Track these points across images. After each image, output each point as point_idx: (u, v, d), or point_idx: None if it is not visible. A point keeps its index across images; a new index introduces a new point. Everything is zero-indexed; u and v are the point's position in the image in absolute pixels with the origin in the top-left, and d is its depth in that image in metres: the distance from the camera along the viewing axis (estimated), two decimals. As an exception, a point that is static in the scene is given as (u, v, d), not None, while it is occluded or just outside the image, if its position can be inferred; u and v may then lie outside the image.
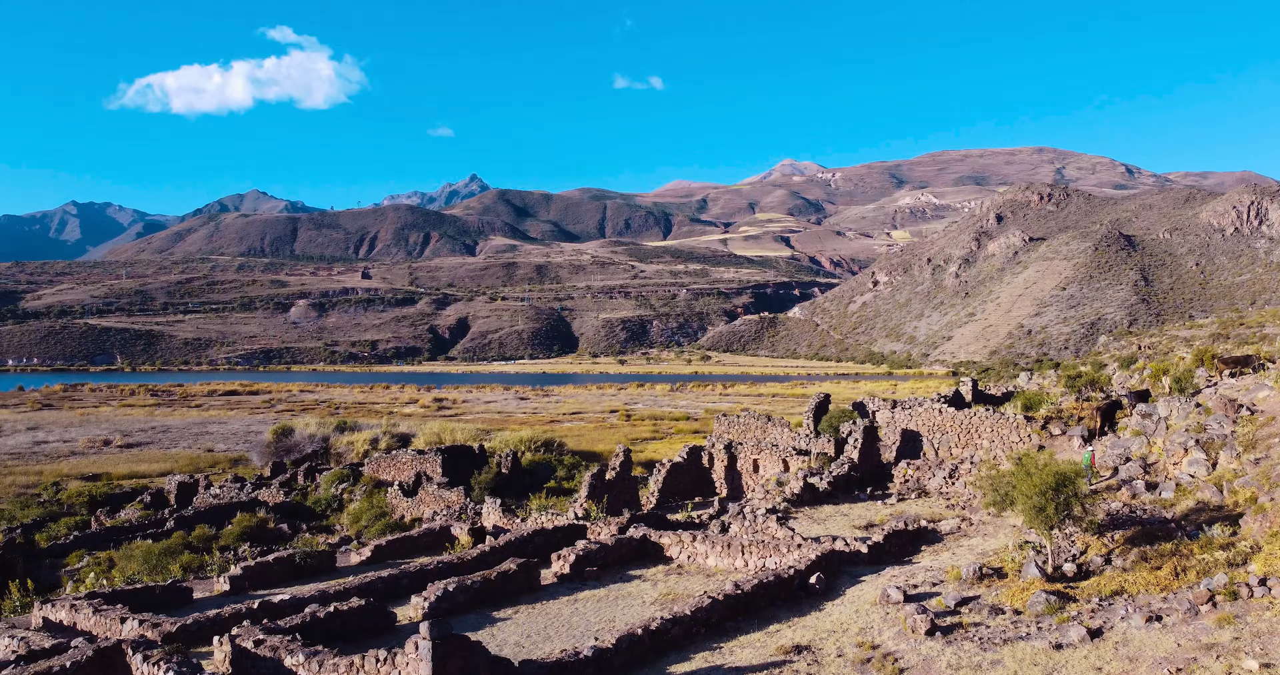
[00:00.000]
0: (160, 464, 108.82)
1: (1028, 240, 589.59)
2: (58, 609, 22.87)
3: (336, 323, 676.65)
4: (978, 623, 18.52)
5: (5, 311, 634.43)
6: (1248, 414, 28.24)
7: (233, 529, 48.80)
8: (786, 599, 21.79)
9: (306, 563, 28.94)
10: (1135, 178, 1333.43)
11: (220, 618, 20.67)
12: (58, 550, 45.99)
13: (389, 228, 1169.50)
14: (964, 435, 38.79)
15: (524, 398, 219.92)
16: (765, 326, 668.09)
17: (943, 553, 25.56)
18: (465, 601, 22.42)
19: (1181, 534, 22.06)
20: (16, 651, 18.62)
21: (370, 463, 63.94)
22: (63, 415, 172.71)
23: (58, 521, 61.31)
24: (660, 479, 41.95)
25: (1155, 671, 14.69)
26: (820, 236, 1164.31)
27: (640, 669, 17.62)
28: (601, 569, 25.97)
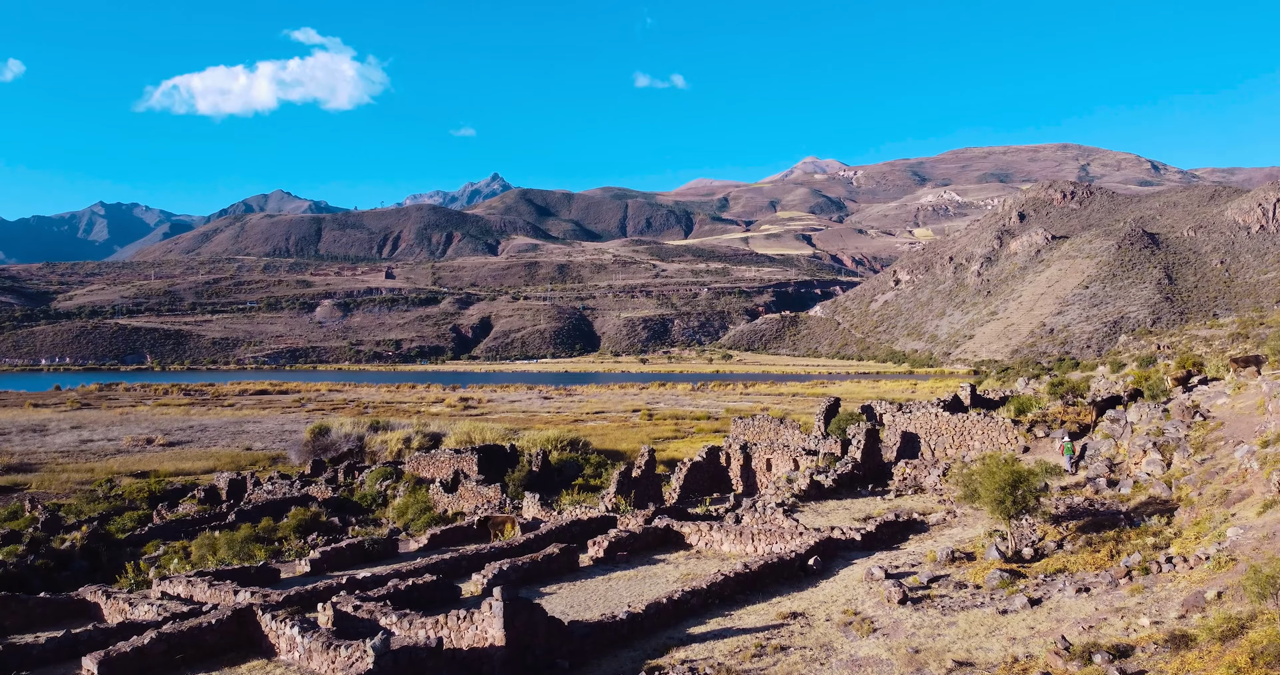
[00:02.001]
0: (204, 462, 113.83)
1: (1050, 238, 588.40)
2: (175, 584, 27.15)
3: (361, 322, 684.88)
4: (943, 595, 22.44)
5: (38, 312, 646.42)
6: (1200, 420, 31.91)
7: (289, 522, 53.21)
8: (788, 578, 25.79)
9: (374, 548, 33.21)
10: (1161, 174, 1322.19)
11: (316, 590, 24.87)
12: (135, 540, 50.55)
13: (412, 227, 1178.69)
14: (958, 437, 42.56)
15: (547, 397, 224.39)
16: (786, 325, 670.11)
17: (926, 540, 29.47)
18: (517, 579, 26.56)
19: (1126, 523, 25.86)
20: (159, 615, 22.84)
21: (410, 461, 68.35)
22: (103, 414, 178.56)
23: (122, 515, 66.10)
24: (682, 476, 45.99)
25: (1074, 628, 18.55)
26: (842, 235, 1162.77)
27: (665, 629, 21.69)
28: (631, 553, 30.09)
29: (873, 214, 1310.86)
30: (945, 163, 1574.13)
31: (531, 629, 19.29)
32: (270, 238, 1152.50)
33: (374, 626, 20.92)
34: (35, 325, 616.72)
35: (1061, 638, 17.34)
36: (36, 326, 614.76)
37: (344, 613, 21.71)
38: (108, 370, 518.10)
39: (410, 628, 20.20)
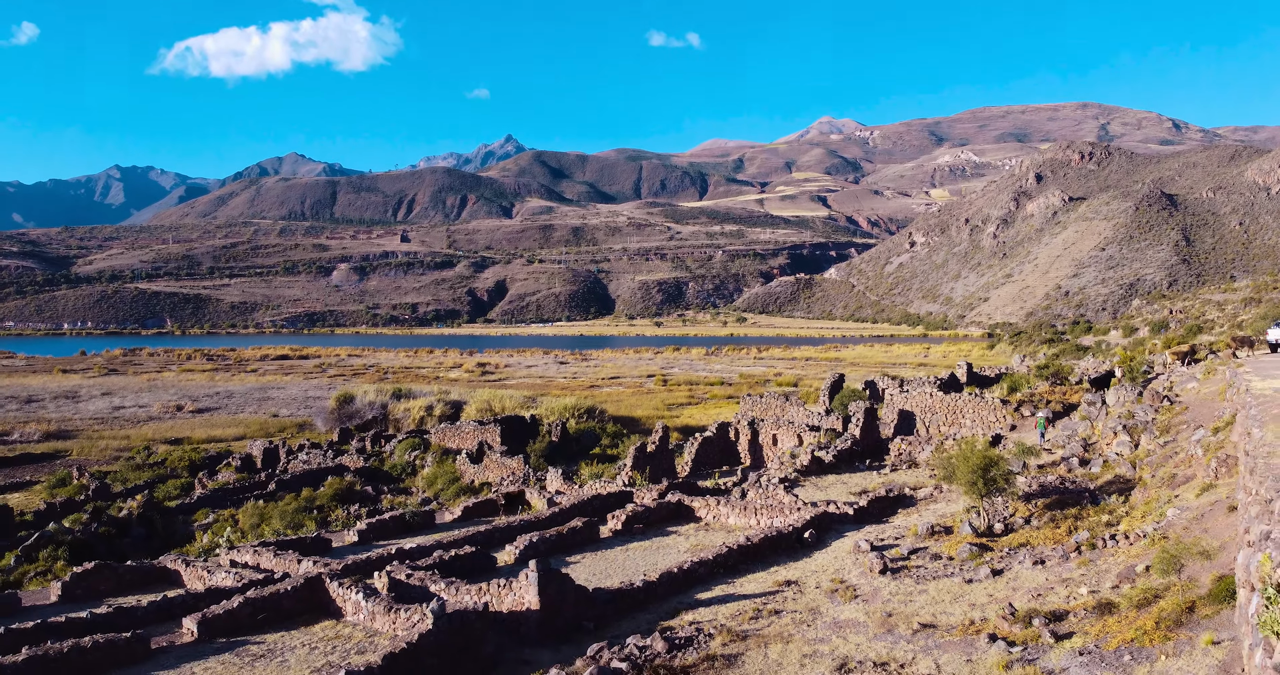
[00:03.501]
0: (233, 429, 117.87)
1: (1067, 200, 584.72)
2: (243, 553, 30.65)
3: (377, 286, 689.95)
4: (919, 565, 25.62)
5: (59, 277, 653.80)
6: (1168, 404, 34.80)
7: (326, 491, 56.88)
8: (786, 549, 29.04)
9: (414, 520, 36.67)
10: (1182, 133, 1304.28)
11: (371, 559, 28.28)
12: (185, 509, 54.35)
13: (426, 190, 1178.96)
14: (951, 415, 45.57)
15: (563, 362, 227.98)
16: (801, 288, 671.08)
17: (912, 515, 32.64)
18: (545, 549, 29.92)
19: (1089, 502, 28.91)
20: (237, 581, 26.29)
21: (436, 432, 71.97)
22: (130, 380, 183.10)
23: (166, 483, 69.99)
24: (693, 450, 49.30)
25: (1024, 596, 21.69)
26: (857, 196, 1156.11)
27: (676, 595, 25.01)
28: (646, 526, 33.43)
29: (889, 175, 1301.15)
30: (963, 122, 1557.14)
31: (561, 596, 22.60)
32: (286, 201, 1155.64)
33: (425, 592, 24.30)
34: (56, 290, 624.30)
35: (1009, 604, 20.50)
36: (58, 291, 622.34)
37: (398, 580, 25.11)
38: (129, 334, 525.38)
39: (457, 594, 23.57)
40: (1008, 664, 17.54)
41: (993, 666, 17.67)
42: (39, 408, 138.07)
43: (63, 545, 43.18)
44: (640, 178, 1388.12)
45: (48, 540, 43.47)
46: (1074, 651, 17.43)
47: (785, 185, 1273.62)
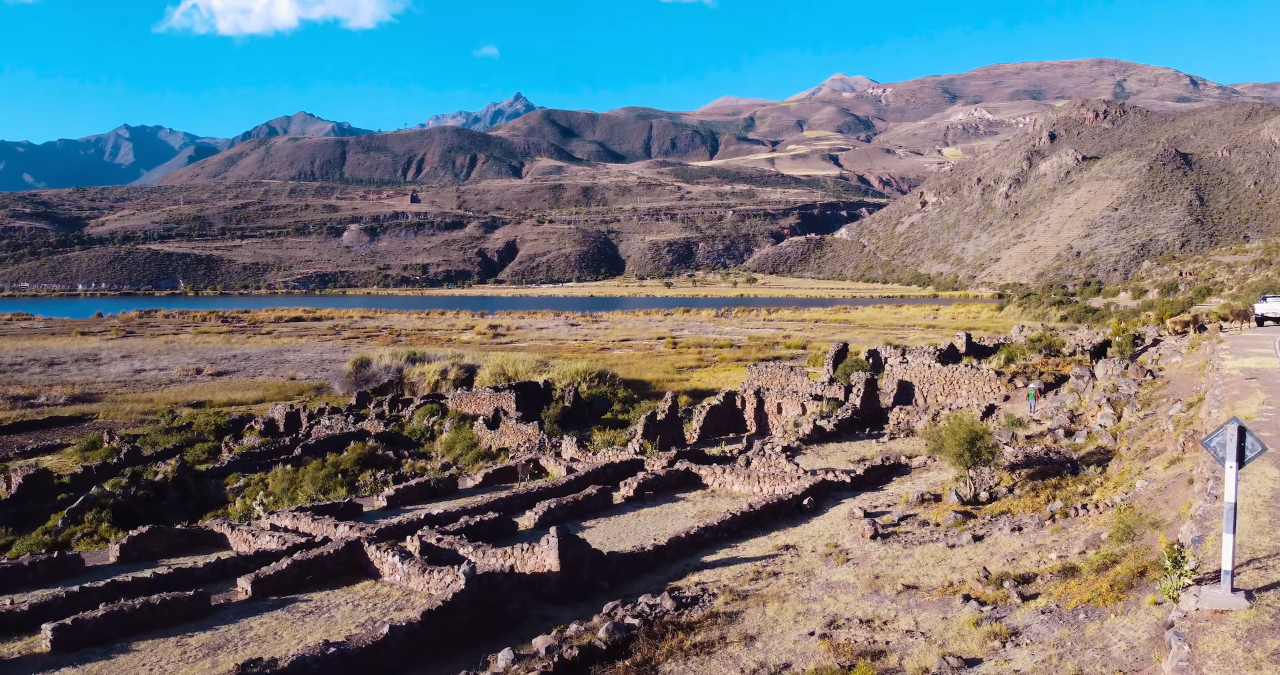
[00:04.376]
0: (252, 392, 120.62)
1: (1080, 159, 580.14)
2: (281, 517, 33.04)
3: (388, 247, 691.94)
4: (908, 531, 27.78)
5: (72, 238, 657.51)
6: (1150, 378, 36.68)
7: (349, 455, 59.39)
8: (786, 515, 31.24)
9: (438, 486, 39.00)
10: (1199, 90, 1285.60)
11: (401, 524, 30.60)
12: (216, 473, 56.95)
13: (435, 150, 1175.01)
14: (948, 386, 47.56)
15: (574, 324, 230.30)
16: (812, 248, 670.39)
17: (906, 483, 34.78)
18: (562, 515, 32.22)
19: (1069, 472, 30.94)
20: (282, 544, 28.65)
21: (453, 398, 74.37)
22: (148, 343, 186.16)
23: (194, 446, 72.67)
24: (702, 418, 51.52)
25: (999, 560, 23.84)
26: (869, 155, 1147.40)
27: (684, 557, 27.28)
28: (656, 493, 35.70)
29: (901, 133, 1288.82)
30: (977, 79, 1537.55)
31: (579, 559, 24.87)
32: (295, 161, 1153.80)
33: (454, 555, 26.62)
34: (70, 251, 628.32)
35: (984, 568, 22.66)
36: (71, 252, 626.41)
37: (429, 544, 27.43)
38: (142, 296, 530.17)
39: (484, 557, 25.87)
40: (978, 621, 19.70)
41: (964, 624, 19.84)
42: (62, 371, 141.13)
43: (106, 508, 45.79)
44: (650, 137, 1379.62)
45: (92, 503, 46.08)
46: (1037, 611, 19.56)
47: (796, 144, 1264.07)
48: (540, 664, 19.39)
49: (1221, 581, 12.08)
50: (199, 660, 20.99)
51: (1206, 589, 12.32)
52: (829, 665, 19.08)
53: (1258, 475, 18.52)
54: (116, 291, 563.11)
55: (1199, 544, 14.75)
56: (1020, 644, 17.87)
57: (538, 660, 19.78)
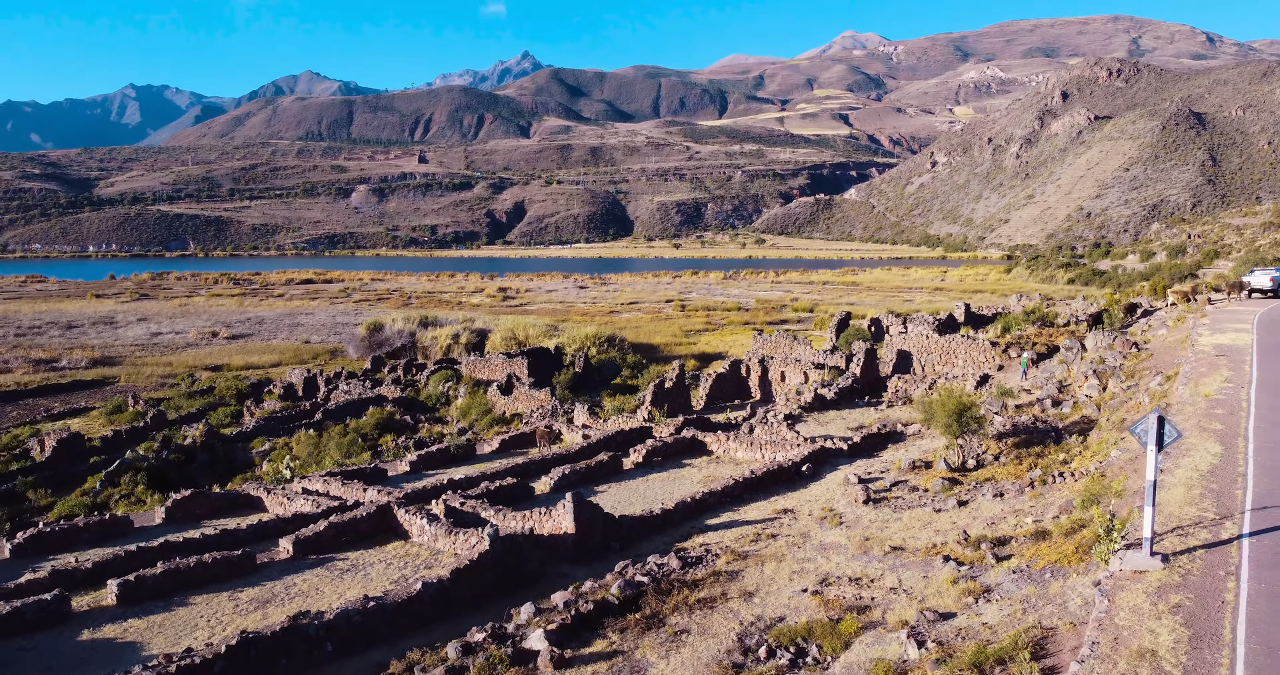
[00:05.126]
0: (268, 355, 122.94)
1: (1093, 119, 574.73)
2: (313, 482, 35.23)
3: (397, 208, 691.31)
4: (898, 496, 29.82)
5: (82, 199, 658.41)
6: (1135, 351, 38.43)
7: (368, 420, 61.64)
8: (785, 481, 33.30)
9: (458, 452, 41.15)
10: (1216, 47, 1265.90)
11: (426, 488, 32.74)
12: (242, 437, 59.30)
13: (443, 109, 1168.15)
14: (944, 356, 49.37)
15: (583, 286, 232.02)
16: (821, 209, 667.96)
17: (900, 450, 36.77)
18: (575, 480, 34.35)
19: (1052, 441, 32.87)
20: (316, 507, 30.84)
21: (467, 364, 76.50)
22: (163, 306, 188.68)
23: (217, 410, 75.08)
24: (708, 385, 53.51)
25: (980, 524, 25.85)
26: (880, 114, 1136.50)
27: (689, 520, 29.40)
28: (664, 459, 37.79)
29: (912, 92, 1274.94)
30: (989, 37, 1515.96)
31: (593, 522, 26.98)
32: (302, 121, 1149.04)
33: (477, 518, 28.79)
34: (80, 212, 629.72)
35: (965, 531, 24.69)
36: (81, 213, 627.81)
37: (453, 507, 29.59)
38: (153, 257, 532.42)
39: (505, 520, 28.02)
40: (955, 580, 21.74)
41: (943, 582, 21.89)
42: (80, 334, 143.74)
43: (140, 471, 48.15)
44: (659, 96, 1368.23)
45: (127, 466, 48.44)
46: (1009, 570, 21.58)
47: (806, 103, 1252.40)
48: (559, 617, 21.54)
49: (1143, 547, 14.01)
50: (251, 613, 23.24)
51: (1130, 553, 14.27)
52: (819, 619, 21.18)
53: (1201, 451, 20.40)
54: (127, 253, 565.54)
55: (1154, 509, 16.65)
56: (991, 600, 19.89)
57: (556, 613, 21.95)
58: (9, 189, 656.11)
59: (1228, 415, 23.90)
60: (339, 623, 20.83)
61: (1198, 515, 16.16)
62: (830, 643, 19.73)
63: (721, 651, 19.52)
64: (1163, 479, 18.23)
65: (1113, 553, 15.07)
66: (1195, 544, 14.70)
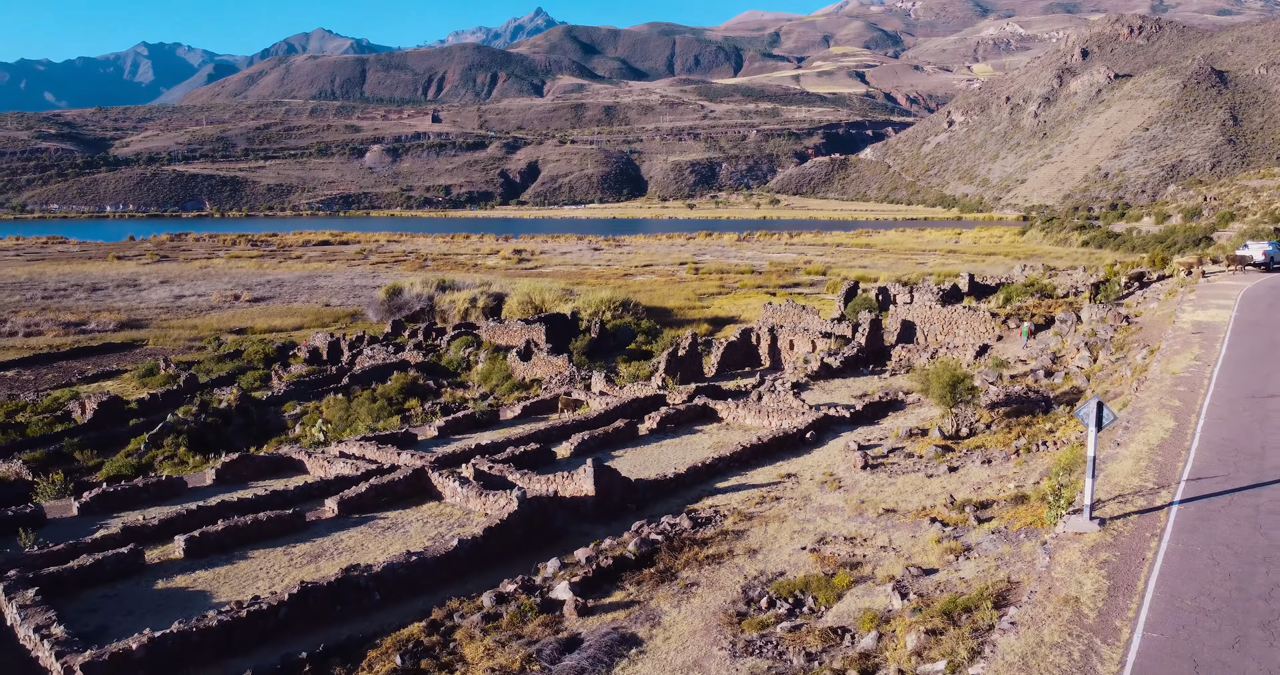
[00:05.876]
0: (290, 318, 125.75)
1: (1113, 77, 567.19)
2: (349, 446, 37.78)
3: (410, 168, 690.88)
4: (894, 463, 32.09)
5: (98, 159, 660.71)
6: (1126, 324, 40.37)
7: (393, 385, 64.26)
8: (790, 447, 35.63)
9: (483, 418, 43.65)
10: (1241, 3, 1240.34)
11: (455, 453, 35.22)
12: (274, 400, 62.02)
13: (456, 68, 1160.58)
14: (946, 326, 51.37)
15: (597, 248, 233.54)
16: (836, 168, 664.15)
17: (899, 418, 39.00)
18: (594, 445, 36.78)
19: (1041, 411, 35.00)
20: (356, 470, 33.36)
21: (486, 330, 78.94)
22: (184, 268, 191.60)
23: (246, 374, 77.84)
24: (719, 353, 55.75)
25: (967, 488, 28.11)
26: (897, 71, 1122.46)
27: (700, 484, 31.80)
28: (677, 425, 40.16)
29: (930, 49, 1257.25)
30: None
31: (611, 485, 29.41)
32: (315, 80, 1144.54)
33: (504, 481, 31.27)
34: (97, 172, 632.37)
35: (951, 496, 26.98)
36: (98, 173, 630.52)
37: (482, 471, 32.07)
38: (170, 217, 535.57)
39: (530, 482, 30.49)
40: (939, 539, 24.06)
41: (929, 541, 24.21)
42: (105, 297, 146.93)
43: (182, 433, 50.91)
44: (673, 53, 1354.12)
45: (169, 429, 51.22)
46: (988, 531, 23.87)
47: (822, 60, 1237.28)
48: (582, 570, 24.03)
49: (1084, 513, 16.23)
50: (305, 565, 25.83)
51: (1074, 518, 16.50)
52: (816, 573, 23.58)
53: (1156, 427, 22.54)
54: (144, 213, 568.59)
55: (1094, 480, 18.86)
56: (970, 557, 22.21)
57: (579, 567, 24.44)
58: (26, 149, 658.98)
59: (1188, 392, 25.95)
60: (385, 574, 23.38)
61: (1139, 485, 18.33)
62: (825, 595, 22.12)
63: (727, 602, 21.94)
64: (1116, 451, 20.38)
65: (1060, 517, 17.29)
66: (1130, 510, 16.89)
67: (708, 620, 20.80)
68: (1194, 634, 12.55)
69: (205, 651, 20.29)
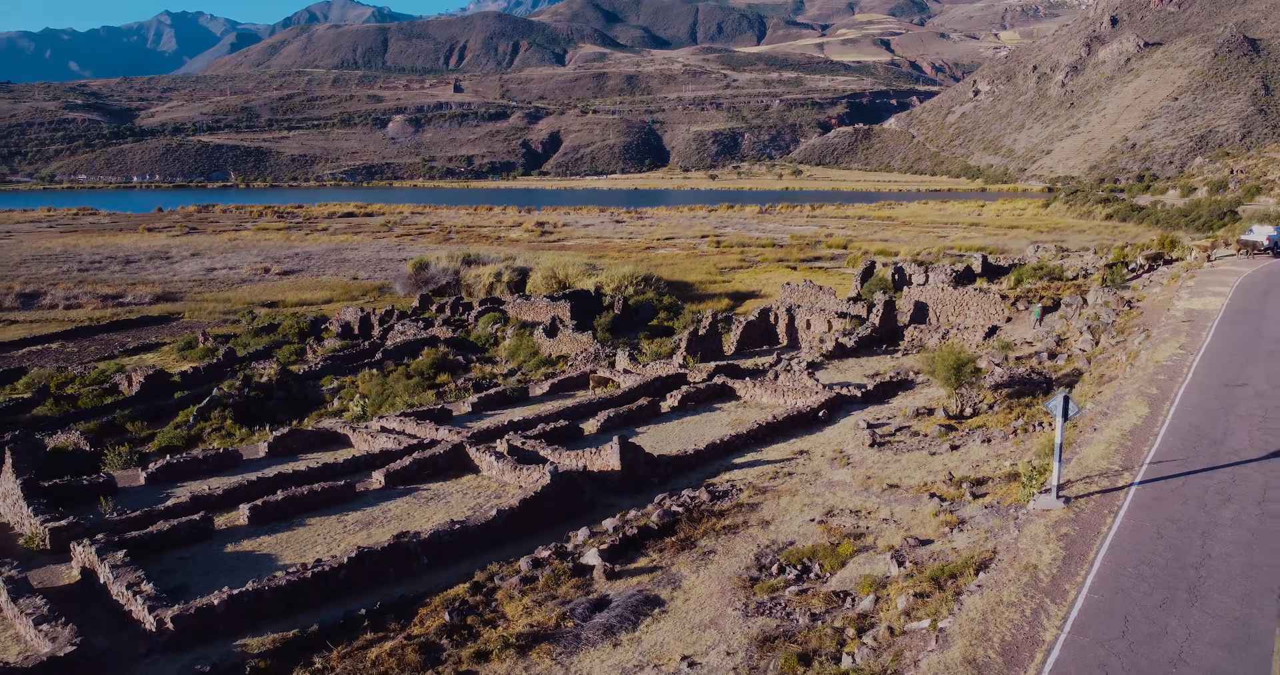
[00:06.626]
0: (320, 291, 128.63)
1: (1142, 46, 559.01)
2: (389, 421, 40.35)
3: (433, 138, 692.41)
4: (901, 441, 34.24)
5: (124, 130, 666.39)
6: (1128, 308, 42.13)
7: (424, 360, 66.80)
8: (804, 425, 37.85)
9: (513, 394, 46.14)
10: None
11: (489, 429, 37.69)
12: (311, 375, 64.75)
13: (478, 37, 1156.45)
14: (957, 307, 53.19)
15: (619, 221, 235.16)
16: (859, 139, 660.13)
17: (908, 397, 41.08)
18: (619, 422, 39.16)
19: (1041, 393, 36.99)
20: (398, 444, 35.92)
21: (513, 306, 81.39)
22: (213, 240, 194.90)
23: (281, 348, 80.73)
24: (738, 332, 57.90)
25: (967, 466, 30.26)
26: (922, 39, 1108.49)
27: (718, 459, 34.13)
28: (697, 403, 42.45)
29: (957, 16, 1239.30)
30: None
31: (635, 460, 31.78)
32: (337, 49, 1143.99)
33: (536, 456, 33.72)
34: (123, 143, 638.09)
35: (950, 473, 29.15)
36: (124, 144, 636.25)
37: (515, 446, 34.54)
38: (195, 187, 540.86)
39: (561, 457, 32.92)
40: (937, 512, 26.28)
41: (927, 515, 26.44)
42: (139, 269, 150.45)
43: (228, 407, 53.73)
44: (696, 21, 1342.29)
45: (216, 403, 54.04)
46: (981, 506, 26.06)
47: (847, 28, 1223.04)
48: (609, 538, 26.48)
49: (1052, 492, 18.38)
50: (357, 532, 28.43)
51: (1043, 496, 18.67)
52: (823, 543, 25.90)
53: (1130, 414, 24.56)
54: (170, 183, 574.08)
55: (1068, 461, 20.99)
56: (963, 530, 24.42)
57: (607, 536, 26.89)
58: (54, 119, 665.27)
59: (1167, 381, 27.87)
60: (432, 541, 25.91)
61: (1105, 467, 20.42)
62: (830, 562, 24.45)
63: (741, 568, 24.31)
64: (1092, 436, 22.44)
65: (1032, 496, 19.45)
66: (1094, 490, 18.98)
67: (723, 584, 23.16)
68: (1130, 596, 14.73)
69: (276, 607, 22.91)
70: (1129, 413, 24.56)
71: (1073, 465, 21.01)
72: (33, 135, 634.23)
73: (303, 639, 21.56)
